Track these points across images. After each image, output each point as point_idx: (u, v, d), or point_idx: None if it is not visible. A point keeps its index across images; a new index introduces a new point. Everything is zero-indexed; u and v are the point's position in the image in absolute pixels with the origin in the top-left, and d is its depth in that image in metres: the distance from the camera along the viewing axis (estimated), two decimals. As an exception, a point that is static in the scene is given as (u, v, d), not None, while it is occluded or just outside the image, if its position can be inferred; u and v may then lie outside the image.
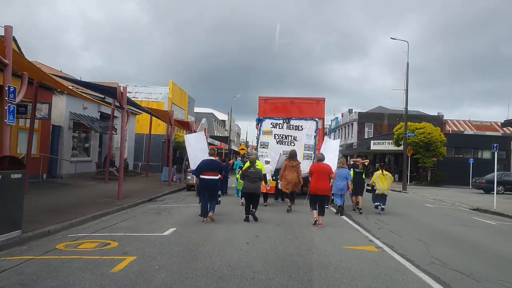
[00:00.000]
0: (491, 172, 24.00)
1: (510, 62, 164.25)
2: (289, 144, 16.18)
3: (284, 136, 16.57)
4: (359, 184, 13.01)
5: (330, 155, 11.85)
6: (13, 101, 7.90)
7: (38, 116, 13.63)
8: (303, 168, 13.31)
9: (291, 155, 12.65)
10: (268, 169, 13.27)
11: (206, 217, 9.56)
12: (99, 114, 22.49)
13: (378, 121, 52.37)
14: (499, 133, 45.78)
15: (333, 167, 11.22)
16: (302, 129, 16.50)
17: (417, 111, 52.85)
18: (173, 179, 21.28)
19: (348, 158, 19.95)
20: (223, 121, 73.63)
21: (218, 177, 9.91)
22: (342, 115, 61.85)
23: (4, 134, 7.83)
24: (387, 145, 37.98)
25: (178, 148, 30.38)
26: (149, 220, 9.80)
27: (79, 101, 19.79)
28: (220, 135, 62.98)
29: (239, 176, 13.64)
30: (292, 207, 12.19)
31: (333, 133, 64.48)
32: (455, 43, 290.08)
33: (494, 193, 17.34)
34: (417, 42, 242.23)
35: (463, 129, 52.81)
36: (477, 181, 27.68)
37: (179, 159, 30.54)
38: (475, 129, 52.86)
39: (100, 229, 8.40)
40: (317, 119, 16.82)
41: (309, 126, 16.50)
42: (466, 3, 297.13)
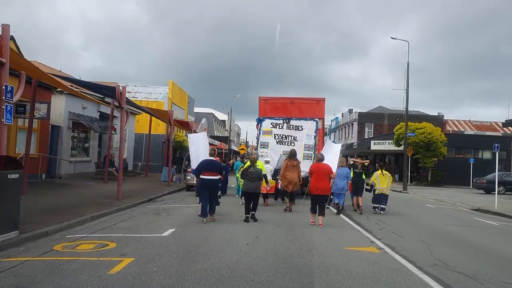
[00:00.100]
0: (492, 172, 23.95)
1: (510, 62, 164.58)
2: (289, 144, 16.16)
3: (284, 136, 16.54)
4: (358, 184, 12.98)
5: (330, 156, 11.79)
6: (11, 100, 7.83)
7: (37, 115, 13.58)
8: (303, 168, 13.28)
9: (291, 154, 12.58)
10: (268, 169, 13.22)
11: (206, 218, 9.51)
12: (99, 114, 22.42)
13: (378, 121, 52.29)
14: (500, 133, 45.70)
15: (333, 169, 11.17)
16: (302, 129, 16.48)
17: (418, 111, 52.78)
18: (173, 179, 21.22)
19: (348, 158, 19.82)
20: (223, 121, 73.61)
21: (218, 177, 9.89)
22: (342, 115, 61.75)
23: (1, 134, 7.75)
24: (388, 145, 37.92)
25: (177, 148, 30.35)
26: (148, 221, 9.72)
27: (78, 101, 19.73)
28: (220, 135, 62.92)
29: (239, 175, 13.58)
30: (292, 208, 12.15)
31: (333, 133, 64.40)
32: (455, 43, 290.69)
33: (496, 193, 17.28)
34: (417, 42, 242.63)
35: (463, 129, 52.73)
36: (477, 181, 27.62)
37: (179, 159, 30.45)
38: (476, 129, 52.77)
39: (99, 230, 8.32)
40: (317, 119, 16.81)
41: (309, 126, 16.49)
42: (466, 3, 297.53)
